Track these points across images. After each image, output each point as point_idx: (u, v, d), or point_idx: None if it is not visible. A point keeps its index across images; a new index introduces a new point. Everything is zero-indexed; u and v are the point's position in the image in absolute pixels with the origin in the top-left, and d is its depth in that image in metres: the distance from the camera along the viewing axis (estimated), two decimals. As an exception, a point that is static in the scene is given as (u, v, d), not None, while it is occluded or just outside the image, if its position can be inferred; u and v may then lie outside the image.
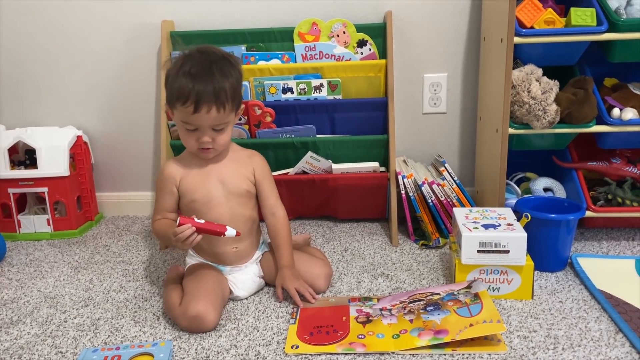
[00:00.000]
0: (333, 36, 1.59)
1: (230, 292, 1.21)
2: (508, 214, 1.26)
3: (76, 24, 1.68)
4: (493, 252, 1.16)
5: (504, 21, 1.31)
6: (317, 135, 1.56)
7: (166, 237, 1.15)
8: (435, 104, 1.69)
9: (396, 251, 1.46)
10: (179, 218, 1.08)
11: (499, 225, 1.20)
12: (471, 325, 1.01)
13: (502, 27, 1.33)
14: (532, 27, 1.34)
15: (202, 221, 1.09)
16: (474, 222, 1.22)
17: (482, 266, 1.18)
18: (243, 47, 1.62)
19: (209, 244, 1.19)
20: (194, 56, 1.11)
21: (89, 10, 1.66)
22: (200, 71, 1.08)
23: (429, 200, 1.48)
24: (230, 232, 1.10)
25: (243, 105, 1.23)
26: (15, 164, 1.68)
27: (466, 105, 1.68)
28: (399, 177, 1.49)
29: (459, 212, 1.29)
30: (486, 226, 1.19)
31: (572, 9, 1.31)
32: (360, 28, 1.59)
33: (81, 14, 1.67)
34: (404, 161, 1.64)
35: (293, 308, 1.17)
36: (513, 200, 1.42)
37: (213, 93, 1.07)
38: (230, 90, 1.10)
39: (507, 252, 1.15)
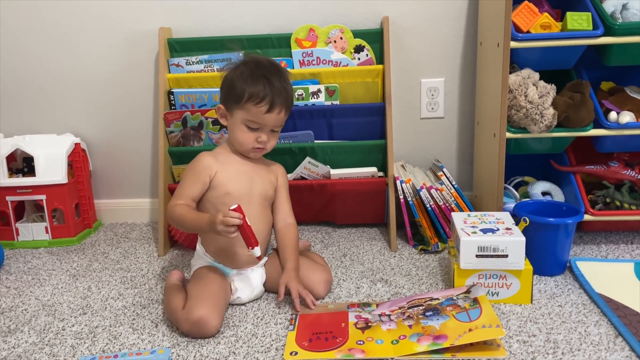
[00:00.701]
0: (330, 42, 1.60)
1: (232, 293, 1.21)
2: (506, 218, 1.26)
3: (73, 31, 1.68)
4: (492, 256, 1.16)
5: (500, 26, 1.31)
6: (315, 141, 1.57)
7: (196, 220, 1.15)
8: (432, 108, 1.69)
9: (395, 256, 1.46)
10: (235, 205, 1.09)
11: (497, 229, 1.20)
12: (470, 330, 1.00)
13: (498, 32, 1.33)
14: (528, 32, 1.34)
15: (248, 223, 1.10)
16: (473, 227, 1.22)
17: (480, 271, 1.18)
18: (240, 54, 1.62)
19: (230, 242, 1.19)
20: (264, 62, 1.21)
21: (87, 17, 1.66)
22: (275, 76, 1.18)
23: (428, 205, 1.48)
24: (257, 251, 1.11)
25: None
26: (13, 171, 1.68)
27: (464, 109, 1.69)
28: (397, 182, 1.49)
29: (458, 217, 1.29)
30: (484, 231, 1.19)
31: (568, 14, 1.32)
32: (357, 34, 1.59)
33: (79, 21, 1.67)
34: (402, 166, 1.64)
35: (292, 315, 1.16)
36: (511, 205, 1.42)
37: (286, 96, 1.19)
38: (293, 97, 1.24)
39: (506, 256, 1.15)
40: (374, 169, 1.55)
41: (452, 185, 1.50)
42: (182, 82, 1.60)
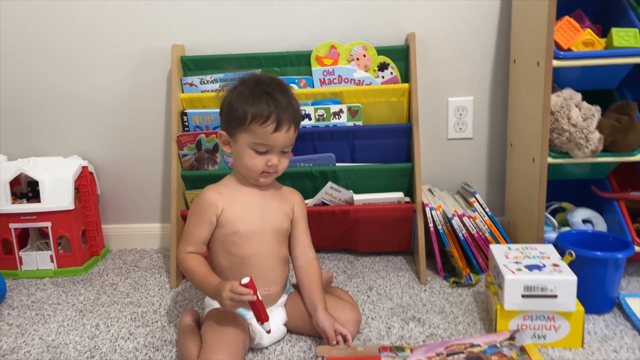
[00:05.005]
0: (353, 59, 1.51)
1: (252, 339, 1.11)
2: (551, 252, 1.16)
3: (81, 48, 1.60)
4: (539, 297, 1.05)
5: (540, 43, 1.22)
6: (337, 164, 1.47)
7: (204, 281, 1.06)
8: (460, 129, 1.60)
9: (425, 290, 1.35)
10: (247, 278, 1.00)
11: (544, 266, 1.10)
12: (522, 383, 0.90)
13: (538, 50, 1.24)
14: (569, 49, 1.25)
15: (260, 297, 1.01)
16: (516, 263, 1.12)
17: (526, 312, 1.07)
18: (258, 72, 1.53)
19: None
20: (264, 79, 1.11)
21: (95, 34, 1.59)
22: (278, 92, 1.07)
23: (460, 234, 1.38)
24: (267, 325, 1.04)
25: None
26: (17, 196, 1.59)
27: (494, 130, 1.59)
28: (427, 209, 1.40)
29: (497, 250, 1.18)
30: (530, 267, 1.09)
31: (614, 30, 1.22)
32: (381, 51, 1.51)
33: (87, 39, 1.59)
34: (430, 190, 1.54)
35: (317, 358, 1.06)
36: (552, 234, 1.32)
37: (293, 112, 1.08)
38: (300, 111, 1.12)
39: (555, 296, 1.05)
40: (400, 195, 1.45)
41: (486, 213, 1.40)
42: (196, 103, 1.52)
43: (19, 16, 1.58)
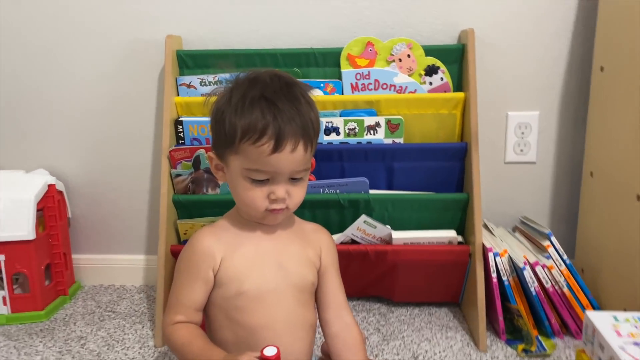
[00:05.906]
0: (394, 60, 1.22)
1: None
2: (676, 327, 0.86)
3: (54, 40, 1.31)
4: (678, 399, 0.75)
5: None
6: (371, 191, 1.19)
7: (202, 357, 0.75)
8: (522, 150, 1.31)
9: (488, 361, 1.05)
10: (274, 349, 0.69)
11: (678, 351, 0.79)
12: None
13: (650, 53, 0.95)
14: (687, 54, 0.96)
15: None
16: (635, 344, 0.81)
17: (656, 418, 0.77)
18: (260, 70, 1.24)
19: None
20: (262, 78, 0.79)
21: (70, 22, 1.30)
22: (281, 95, 0.77)
23: (531, 288, 1.07)
24: None
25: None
26: (-36, 220, 1.27)
27: (564, 153, 1.31)
28: (490, 254, 1.09)
29: (600, 321, 0.88)
30: (659, 354, 0.79)
31: None
32: (430, 50, 1.22)
33: (62, 28, 1.31)
34: (486, 226, 1.24)
35: None
36: (654, 294, 1.02)
37: (301, 123, 0.77)
38: (316, 122, 0.81)
39: (702, 400, 0.75)
40: (452, 233, 1.15)
41: (563, 261, 1.10)
42: (194, 109, 1.23)
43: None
